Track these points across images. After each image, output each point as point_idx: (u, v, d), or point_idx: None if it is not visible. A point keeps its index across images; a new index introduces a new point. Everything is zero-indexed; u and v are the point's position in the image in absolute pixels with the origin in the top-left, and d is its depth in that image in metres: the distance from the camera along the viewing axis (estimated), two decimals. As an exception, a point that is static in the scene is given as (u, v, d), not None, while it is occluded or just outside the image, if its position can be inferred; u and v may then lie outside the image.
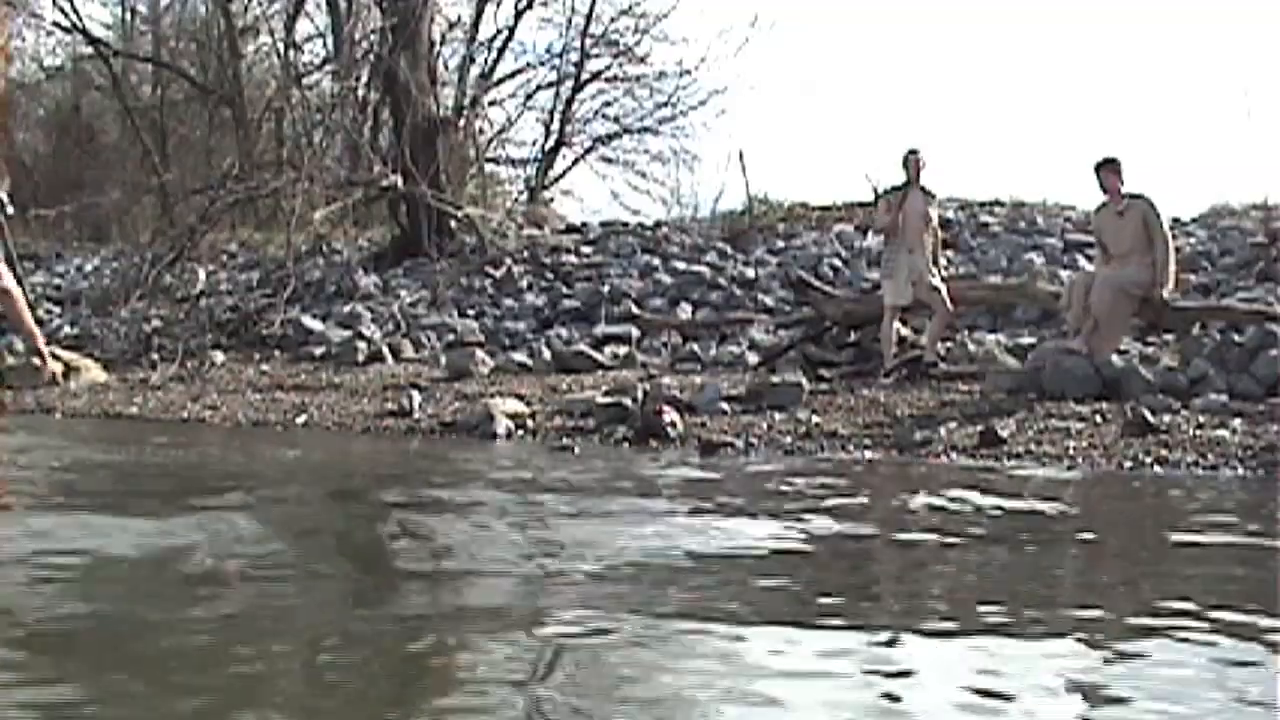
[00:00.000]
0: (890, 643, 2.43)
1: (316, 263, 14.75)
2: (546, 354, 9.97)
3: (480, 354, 9.86)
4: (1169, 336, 8.38)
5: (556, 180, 20.68)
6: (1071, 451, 5.97)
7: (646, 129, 19.85)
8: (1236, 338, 7.51)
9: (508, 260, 13.66)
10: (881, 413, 7.20)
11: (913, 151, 8.70)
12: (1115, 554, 3.82)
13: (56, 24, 21.91)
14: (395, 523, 4.07)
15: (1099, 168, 7.85)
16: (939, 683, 2.14)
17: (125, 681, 1.95)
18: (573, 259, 13.88)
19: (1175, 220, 12.87)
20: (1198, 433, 6.12)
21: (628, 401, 7.38)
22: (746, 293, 11.58)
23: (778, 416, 7.15)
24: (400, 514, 4.25)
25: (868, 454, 6.24)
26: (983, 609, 2.77)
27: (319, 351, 11.18)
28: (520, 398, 8.07)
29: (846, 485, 5.12)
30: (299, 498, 4.87)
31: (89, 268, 16.97)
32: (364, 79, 15.64)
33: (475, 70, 18.40)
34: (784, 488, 4.95)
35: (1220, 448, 5.80)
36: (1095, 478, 5.47)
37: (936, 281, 8.58)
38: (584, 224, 16.86)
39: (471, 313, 12.31)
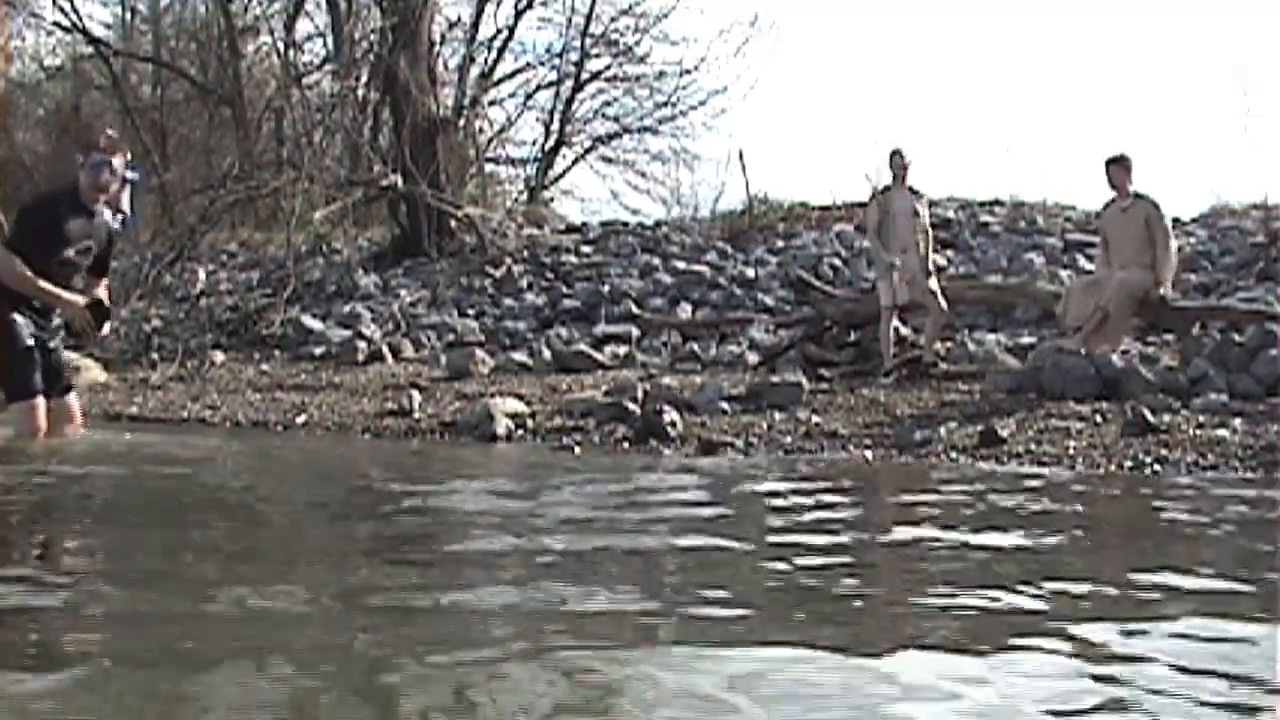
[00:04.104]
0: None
1: (316, 263, 14.77)
2: (546, 354, 9.97)
3: (480, 354, 9.87)
4: (1169, 336, 8.39)
5: (556, 180, 20.77)
6: (1071, 451, 5.97)
7: (646, 129, 19.94)
8: (1236, 338, 7.52)
9: (508, 260, 13.68)
10: (881, 412, 7.20)
11: (896, 151, 8.71)
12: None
13: (56, 24, 22.00)
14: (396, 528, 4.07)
15: (1109, 164, 8.03)
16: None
17: (114, 679, 1.95)
18: (573, 259, 13.90)
19: (1175, 220, 12.87)
20: (1198, 433, 6.11)
21: (628, 401, 7.39)
22: (746, 292, 11.60)
23: (778, 416, 7.15)
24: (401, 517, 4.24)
25: (867, 453, 6.24)
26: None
27: (319, 351, 11.18)
28: (520, 397, 8.07)
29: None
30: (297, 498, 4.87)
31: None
32: (364, 79, 15.67)
33: (475, 70, 18.47)
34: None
35: (1220, 448, 5.80)
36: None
37: (931, 282, 8.59)
38: (584, 224, 16.89)
39: (471, 312, 12.32)
